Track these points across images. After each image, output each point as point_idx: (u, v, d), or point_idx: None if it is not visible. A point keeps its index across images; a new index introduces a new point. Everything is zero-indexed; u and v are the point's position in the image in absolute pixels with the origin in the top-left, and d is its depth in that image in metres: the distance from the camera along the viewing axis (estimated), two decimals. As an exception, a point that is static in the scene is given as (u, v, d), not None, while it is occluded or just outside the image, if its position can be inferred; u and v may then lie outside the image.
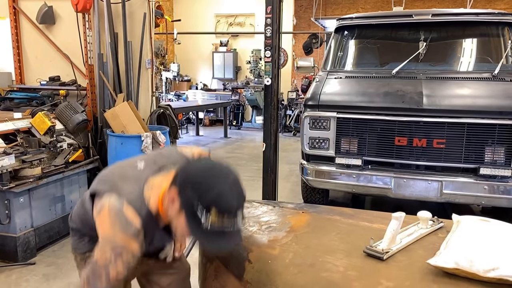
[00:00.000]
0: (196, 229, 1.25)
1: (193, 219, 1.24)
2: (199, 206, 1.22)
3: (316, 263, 1.39)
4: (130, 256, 1.32)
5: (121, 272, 1.31)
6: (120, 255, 1.30)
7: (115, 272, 1.30)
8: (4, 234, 3.40)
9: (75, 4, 4.49)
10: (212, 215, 1.21)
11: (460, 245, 1.31)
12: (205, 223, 1.22)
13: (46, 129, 3.80)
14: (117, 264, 1.30)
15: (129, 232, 1.32)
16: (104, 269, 1.30)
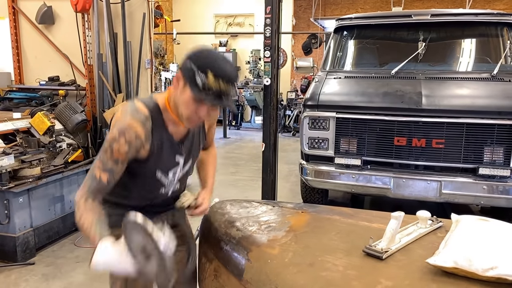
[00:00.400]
0: (197, 93, 1.39)
1: (194, 85, 1.39)
2: (197, 71, 1.38)
3: (316, 263, 1.39)
4: (133, 135, 1.46)
5: (123, 147, 1.45)
6: (123, 133, 1.45)
7: (117, 147, 1.45)
8: (4, 234, 3.40)
9: (75, 4, 4.49)
10: (209, 77, 1.37)
11: (459, 245, 1.31)
12: (204, 84, 1.38)
13: (45, 129, 3.80)
14: (120, 141, 1.45)
15: (136, 117, 1.48)
16: (109, 145, 1.46)
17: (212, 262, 1.72)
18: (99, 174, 1.48)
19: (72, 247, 3.77)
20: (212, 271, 1.72)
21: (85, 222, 1.44)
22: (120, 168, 1.51)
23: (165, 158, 1.61)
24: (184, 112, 1.48)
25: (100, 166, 1.48)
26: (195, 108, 1.45)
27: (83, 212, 1.45)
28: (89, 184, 1.48)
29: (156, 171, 1.61)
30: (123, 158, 1.48)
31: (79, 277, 3.26)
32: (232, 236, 1.66)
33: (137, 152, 1.52)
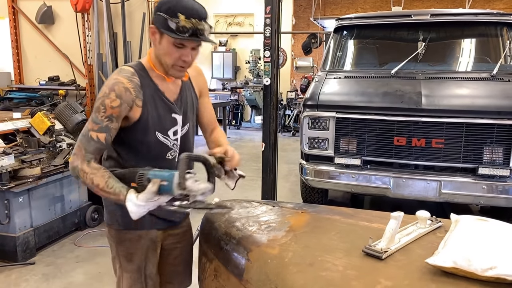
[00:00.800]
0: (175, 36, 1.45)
1: (170, 31, 1.44)
2: (169, 18, 1.43)
3: (315, 262, 1.40)
4: (122, 88, 1.50)
5: (115, 102, 1.48)
6: (113, 88, 1.50)
7: (109, 102, 1.48)
8: (4, 234, 3.40)
9: (75, 4, 4.50)
10: (181, 19, 1.43)
11: (458, 245, 1.32)
12: (178, 27, 1.43)
13: (45, 129, 3.81)
14: (110, 95, 1.49)
15: (122, 74, 1.54)
16: (100, 103, 1.50)
17: (212, 262, 1.72)
18: (95, 135, 1.49)
19: (72, 247, 3.77)
20: (212, 271, 1.72)
21: (100, 182, 1.46)
22: (115, 126, 1.52)
23: (162, 115, 1.62)
24: (168, 61, 1.53)
25: (95, 127, 1.49)
26: (177, 53, 1.51)
27: (93, 175, 1.46)
28: (86, 147, 1.48)
29: (156, 132, 1.61)
30: (117, 114, 1.50)
31: (79, 277, 3.26)
32: (232, 236, 1.66)
33: (130, 108, 1.53)
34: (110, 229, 1.74)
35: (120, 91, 1.50)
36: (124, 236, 1.69)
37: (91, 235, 4.04)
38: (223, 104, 10.48)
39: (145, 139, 1.61)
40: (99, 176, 1.47)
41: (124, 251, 1.70)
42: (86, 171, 1.47)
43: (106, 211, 1.75)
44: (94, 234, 4.05)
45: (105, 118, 1.49)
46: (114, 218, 1.70)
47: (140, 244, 1.69)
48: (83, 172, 1.47)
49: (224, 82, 12.48)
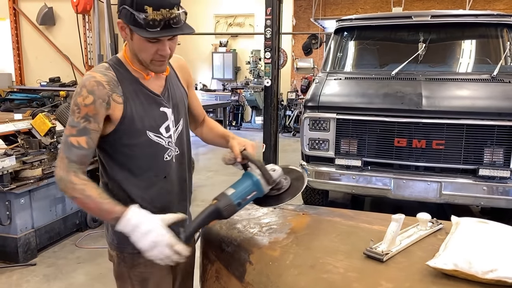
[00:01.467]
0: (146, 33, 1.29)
1: (140, 28, 1.29)
2: (135, 13, 1.27)
3: (317, 265, 1.40)
4: (93, 83, 1.35)
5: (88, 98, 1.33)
6: (84, 85, 1.35)
7: (81, 100, 1.33)
8: (5, 235, 3.41)
9: (76, 5, 4.52)
10: (149, 12, 1.26)
11: (459, 247, 1.32)
12: (148, 22, 1.27)
13: (46, 130, 3.81)
14: (82, 92, 1.34)
15: (95, 70, 1.41)
16: (73, 103, 1.35)
17: (214, 263, 1.73)
18: (75, 140, 1.33)
19: (73, 248, 3.78)
20: (214, 273, 1.73)
21: (92, 193, 1.32)
22: (94, 127, 1.35)
23: (148, 111, 1.46)
24: (146, 57, 1.39)
25: (73, 131, 1.33)
26: (152, 48, 1.36)
27: (84, 185, 1.32)
28: (68, 155, 1.32)
29: (146, 132, 1.45)
30: (92, 112, 1.33)
31: (80, 277, 3.27)
32: (233, 238, 1.67)
33: (108, 105, 1.36)
34: (121, 254, 1.55)
35: (92, 86, 1.34)
36: (138, 260, 1.49)
37: (91, 236, 4.05)
38: (224, 104, 10.48)
39: (135, 141, 1.44)
40: (90, 187, 1.33)
41: (138, 275, 1.55)
42: (74, 181, 1.31)
43: (115, 235, 1.52)
44: (95, 235, 4.06)
45: (81, 119, 1.33)
46: (127, 241, 1.41)
47: (155, 267, 1.49)
48: (71, 183, 1.31)
49: (224, 83, 12.50)
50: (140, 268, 1.53)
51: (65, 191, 1.34)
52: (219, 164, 7.26)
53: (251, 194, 1.48)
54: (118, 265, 1.58)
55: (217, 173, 6.61)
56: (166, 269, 1.60)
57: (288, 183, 1.60)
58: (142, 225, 1.30)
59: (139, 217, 1.32)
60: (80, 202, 1.33)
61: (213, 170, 6.78)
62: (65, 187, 1.33)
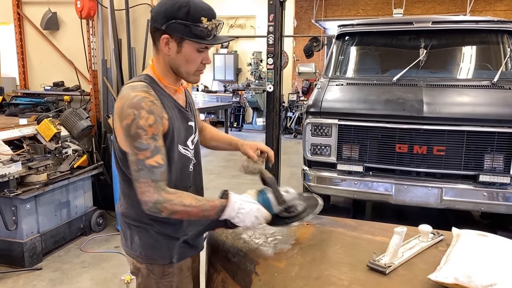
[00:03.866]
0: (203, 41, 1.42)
1: (196, 37, 1.41)
2: (193, 26, 1.39)
3: (321, 276, 1.44)
4: (148, 102, 1.36)
5: (150, 118, 1.35)
6: (139, 106, 1.34)
7: (144, 122, 1.34)
8: (11, 240, 3.46)
9: (80, 10, 4.54)
10: (205, 23, 1.39)
11: (460, 260, 1.36)
12: (205, 32, 1.40)
13: (51, 136, 3.85)
14: (142, 114, 1.34)
15: (137, 89, 1.40)
16: (135, 128, 1.34)
17: (220, 273, 1.77)
18: (153, 161, 1.35)
19: (78, 252, 3.82)
20: (220, 282, 1.77)
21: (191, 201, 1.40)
22: (161, 143, 1.39)
23: (181, 126, 1.53)
24: (191, 68, 1.48)
25: (147, 154, 1.34)
26: (199, 58, 1.47)
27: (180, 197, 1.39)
28: (152, 178, 1.34)
29: (178, 144, 1.52)
30: (156, 130, 1.37)
31: (86, 282, 3.31)
32: (239, 248, 1.71)
33: (161, 120, 1.40)
34: (150, 265, 1.57)
35: (149, 106, 1.36)
36: (168, 270, 1.57)
37: (95, 240, 4.09)
38: (225, 106, 10.53)
39: (171, 155, 1.49)
40: (185, 196, 1.40)
41: (167, 285, 1.59)
42: (170, 198, 1.36)
43: (143, 247, 1.56)
44: (99, 240, 4.10)
45: (149, 139, 1.35)
46: (158, 253, 1.55)
47: (181, 275, 1.62)
48: (169, 200, 1.36)
49: (225, 84, 12.54)
50: (168, 278, 1.58)
51: (163, 211, 1.37)
52: (220, 167, 7.31)
53: None
54: (147, 277, 1.59)
55: (218, 176, 6.65)
56: (189, 275, 1.69)
57: (303, 208, 1.64)
58: (244, 206, 1.49)
59: (239, 201, 1.49)
60: (182, 213, 1.40)
61: (214, 173, 6.82)
62: (163, 208, 1.36)
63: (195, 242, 1.68)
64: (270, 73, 3.93)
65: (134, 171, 1.37)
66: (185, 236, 1.61)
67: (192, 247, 1.67)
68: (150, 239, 1.55)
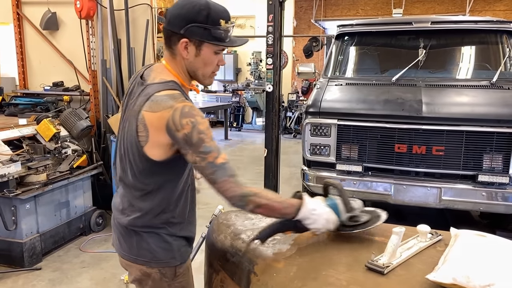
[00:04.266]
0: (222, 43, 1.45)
1: (215, 40, 1.43)
2: (212, 28, 1.41)
3: (320, 277, 1.44)
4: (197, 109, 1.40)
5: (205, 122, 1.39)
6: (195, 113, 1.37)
7: (202, 126, 1.37)
8: (11, 240, 3.46)
9: (79, 11, 4.55)
10: (223, 25, 1.43)
11: (458, 260, 1.37)
12: (224, 34, 1.43)
13: (51, 136, 3.86)
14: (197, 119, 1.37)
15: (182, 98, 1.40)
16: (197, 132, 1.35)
17: (219, 273, 1.77)
18: (223, 158, 1.39)
19: (77, 252, 3.83)
20: (219, 282, 1.77)
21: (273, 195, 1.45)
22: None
23: None
24: (207, 70, 1.50)
25: (215, 154, 1.37)
26: (216, 60, 1.49)
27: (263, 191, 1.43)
28: (230, 173, 1.39)
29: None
30: (212, 133, 1.42)
31: (85, 282, 3.32)
32: (238, 248, 1.71)
33: None
34: (163, 269, 1.59)
35: (199, 112, 1.39)
36: (179, 271, 1.63)
37: (95, 240, 4.10)
38: (225, 106, 10.53)
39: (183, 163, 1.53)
40: (266, 191, 1.45)
41: (178, 285, 1.63)
42: (255, 191, 1.40)
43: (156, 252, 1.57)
44: (98, 239, 4.11)
45: (211, 141, 1.38)
46: (169, 255, 1.58)
47: (188, 274, 1.70)
48: (255, 193, 1.39)
49: (225, 84, 12.54)
50: (179, 278, 1.63)
51: (250, 203, 1.39)
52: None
53: None
54: (159, 281, 1.60)
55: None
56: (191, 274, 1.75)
57: (367, 219, 1.67)
58: (317, 208, 1.51)
59: (313, 202, 1.52)
60: (265, 208, 1.42)
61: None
62: (250, 200, 1.39)
63: (193, 238, 1.75)
64: (269, 73, 3.93)
65: (209, 174, 1.38)
66: (188, 233, 1.67)
67: (191, 244, 1.75)
68: (162, 243, 1.57)
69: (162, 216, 1.54)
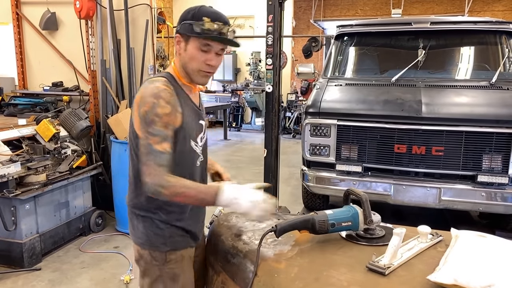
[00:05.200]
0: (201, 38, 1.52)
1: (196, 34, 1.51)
2: (194, 23, 1.51)
3: (321, 278, 1.45)
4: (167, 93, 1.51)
5: (167, 108, 1.49)
6: (159, 96, 1.49)
7: (161, 110, 1.48)
8: (11, 240, 3.45)
9: (78, 11, 4.54)
10: (206, 22, 1.49)
11: (459, 261, 1.37)
12: (204, 29, 1.50)
13: (50, 136, 3.85)
14: (160, 103, 1.48)
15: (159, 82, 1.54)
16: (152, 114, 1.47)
17: (220, 274, 1.77)
18: (161, 147, 1.47)
19: (77, 252, 3.82)
20: (220, 283, 1.77)
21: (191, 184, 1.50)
22: (171, 134, 1.52)
23: (193, 122, 1.64)
24: (194, 66, 1.57)
25: (157, 139, 1.47)
26: (202, 57, 1.55)
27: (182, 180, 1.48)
28: (158, 162, 1.45)
29: (190, 139, 1.63)
30: (171, 121, 1.51)
31: (85, 282, 3.31)
32: (239, 249, 1.71)
33: (176, 114, 1.53)
34: (153, 252, 1.67)
35: (168, 97, 1.50)
36: (170, 257, 1.67)
37: (94, 240, 4.09)
38: (224, 106, 10.53)
39: (183, 148, 1.61)
40: (185, 180, 1.50)
41: (170, 272, 1.68)
42: (171, 181, 1.46)
43: (147, 235, 1.67)
44: (98, 240, 4.10)
45: (162, 127, 1.48)
46: (160, 241, 1.66)
47: (183, 263, 1.72)
48: (170, 183, 1.45)
49: (224, 84, 12.54)
50: (171, 265, 1.68)
51: (164, 192, 1.46)
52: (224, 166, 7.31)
53: (346, 222, 1.60)
54: (150, 263, 1.68)
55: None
56: (191, 264, 1.77)
57: (381, 234, 1.68)
58: (239, 192, 1.50)
59: (234, 187, 1.51)
60: (183, 195, 1.47)
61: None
62: (164, 190, 1.46)
63: (196, 233, 1.79)
64: (269, 73, 3.93)
65: (142, 154, 1.48)
66: (187, 226, 1.71)
67: (194, 237, 1.77)
68: (155, 228, 1.65)
69: (155, 201, 1.58)
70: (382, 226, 1.76)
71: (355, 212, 1.62)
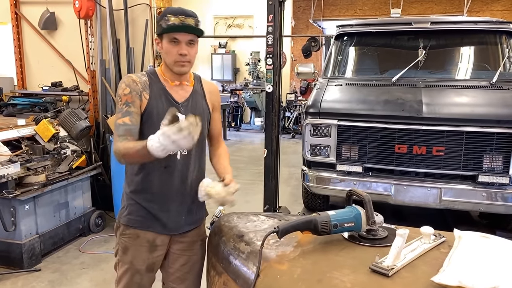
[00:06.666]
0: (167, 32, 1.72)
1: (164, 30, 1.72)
2: (161, 23, 1.73)
3: (324, 279, 1.44)
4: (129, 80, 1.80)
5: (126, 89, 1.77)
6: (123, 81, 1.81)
7: (121, 91, 1.78)
8: (10, 241, 3.44)
9: (78, 10, 4.52)
10: (169, 17, 1.70)
11: (462, 262, 1.37)
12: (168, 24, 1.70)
13: (50, 136, 3.84)
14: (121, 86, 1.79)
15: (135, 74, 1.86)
16: (117, 95, 1.80)
17: (222, 275, 1.77)
18: (121, 120, 1.73)
19: (77, 253, 3.81)
20: (222, 285, 1.76)
21: (129, 144, 1.67)
22: (134, 110, 1.75)
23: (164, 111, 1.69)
24: (171, 59, 1.78)
25: (119, 115, 1.75)
26: (174, 49, 1.75)
27: (124, 145, 1.67)
28: (118, 132, 1.72)
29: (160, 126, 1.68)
30: (130, 99, 1.75)
31: (85, 283, 3.30)
32: (241, 250, 1.70)
33: (140, 97, 1.77)
34: (118, 222, 1.94)
35: (129, 82, 1.79)
36: (125, 231, 1.90)
37: (94, 241, 4.08)
38: (223, 106, 10.50)
39: (150, 131, 1.68)
40: (128, 141, 1.69)
41: (122, 244, 1.91)
42: (119, 146, 1.68)
43: (120, 205, 1.97)
44: (98, 240, 4.09)
45: (123, 105, 1.75)
46: (122, 213, 1.91)
47: (136, 241, 1.88)
48: (118, 147, 1.68)
49: (223, 84, 12.51)
50: (124, 238, 1.90)
51: (119, 159, 1.71)
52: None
53: (348, 223, 1.60)
54: (116, 229, 1.96)
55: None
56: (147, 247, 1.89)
57: (384, 235, 1.67)
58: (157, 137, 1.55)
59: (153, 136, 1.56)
60: (128, 156, 1.68)
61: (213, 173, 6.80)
62: (116, 154, 1.70)
63: (166, 222, 1.89)
64: (269, 73, 3.92)
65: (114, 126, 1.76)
66: (152, 210, 1.86)
67: (162, 225, 1.89)
68: (124, 201, 1.92)
69: (128, 178, 1.90)
70: (384, 227, 1.75)
71: (357, 213, 1.62)
